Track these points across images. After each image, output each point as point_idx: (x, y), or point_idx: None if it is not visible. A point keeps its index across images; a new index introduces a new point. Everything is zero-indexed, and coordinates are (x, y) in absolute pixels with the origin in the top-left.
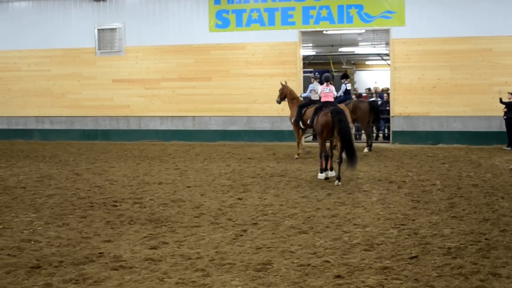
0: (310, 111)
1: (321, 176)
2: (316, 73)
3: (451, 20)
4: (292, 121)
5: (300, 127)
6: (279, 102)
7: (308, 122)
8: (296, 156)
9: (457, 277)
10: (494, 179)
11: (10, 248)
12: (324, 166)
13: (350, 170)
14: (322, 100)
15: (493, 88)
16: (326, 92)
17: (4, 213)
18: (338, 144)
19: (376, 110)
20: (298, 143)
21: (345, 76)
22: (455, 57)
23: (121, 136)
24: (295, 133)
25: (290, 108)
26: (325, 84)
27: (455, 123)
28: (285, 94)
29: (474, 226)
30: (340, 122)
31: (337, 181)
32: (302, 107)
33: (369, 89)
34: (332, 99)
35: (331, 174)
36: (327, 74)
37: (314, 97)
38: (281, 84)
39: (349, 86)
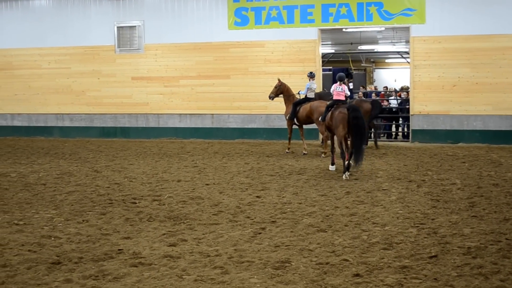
0: (304, 108)
1: (332, 168)
2: (312, 73)
3: (472, 17)
4: (287, 118)
5: (294, 123)
6: (272, 98)
7: (319, 119)
8: (287, 150)
9: (477, 277)
10: None
11: (30, 244)
12: (334, 160)
13: (355, 167)
14: (334, 98)
15: None
16: (338, 91)
17: (24, 210)
18: (349, 140)
19: (378, 108)
20: (289, 138)
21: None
22: (476, 55)
23: (140, 133)
24: (288, 128)
25: (286, 105)
26: (338, 83)
27: (475, 122)
28: (282, 90)
29: (495, 225)
30: (357, 119)
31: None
32: (296, 105)
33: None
34: (343, 98)
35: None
36: (341, 73)
37: (310, 95)
38: (278, 80)
39: (351, 85)
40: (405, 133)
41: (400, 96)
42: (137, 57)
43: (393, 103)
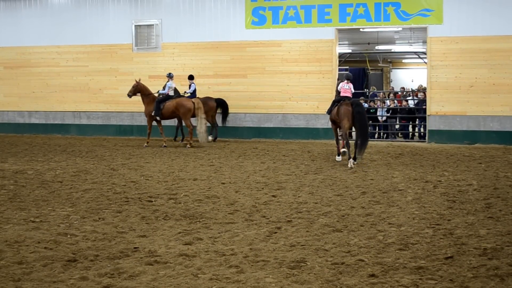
0: (169, 104)
1: (339, 159)
2: (171, 73)
3: (490, 18)
4: (153, 114)
5: (156, 119)
6: (130, 96)
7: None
8: (145, 144)
9: (493, 278)
10: None
11: (47, 241)
12: (340, 150)
13: (359, 154)
14: (341, 95)
15: None
16: (345, 88)
17: (41, 207)
18: (355, 132)
19: (223, 106)
20: (149, 134)
21: (191, 77)
22: (494, 55)
23: (156, 131)
24: (148, 125)
25: (145, 103)
26: (345, 81)
27: (492, 123)
28: (139, 90)
29: (511, 227)
30: (360, 113)
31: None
32: (160, 102)
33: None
34: (350, 95)
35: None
36: (348, 73)
37: (171, 93)
38: (135, 81)
39: (194, 86)
40: (422, 133)
41: (417, 96)
42: (154, 55)
43: (410, 103)
